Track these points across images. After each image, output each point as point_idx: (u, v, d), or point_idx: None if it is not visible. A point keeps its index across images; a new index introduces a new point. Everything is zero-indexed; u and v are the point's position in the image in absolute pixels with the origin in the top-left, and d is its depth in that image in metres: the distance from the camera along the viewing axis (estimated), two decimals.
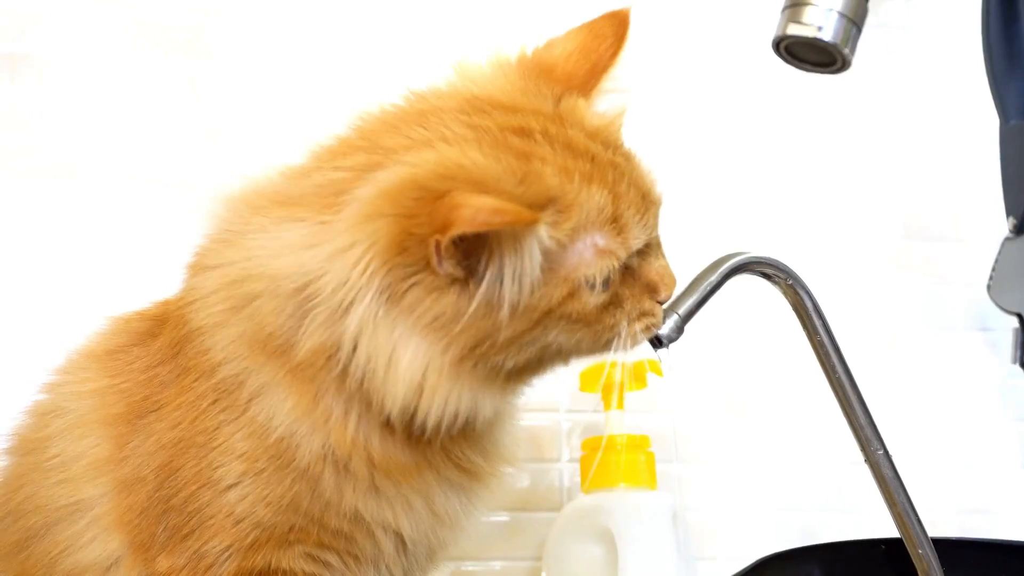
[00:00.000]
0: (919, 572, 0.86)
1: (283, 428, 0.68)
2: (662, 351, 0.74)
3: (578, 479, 1.04)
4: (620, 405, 1.04)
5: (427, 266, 0.61)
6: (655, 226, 0.70)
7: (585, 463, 1.03)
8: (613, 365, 1.01)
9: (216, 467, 0.69)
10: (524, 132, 0.65)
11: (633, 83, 0.73)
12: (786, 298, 0.82)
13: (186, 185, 1.13)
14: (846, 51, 0.77)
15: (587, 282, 0.65)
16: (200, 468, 0.69)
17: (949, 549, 0.87)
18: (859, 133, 1.28)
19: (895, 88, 1.29)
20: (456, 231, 0.59)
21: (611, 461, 1.01)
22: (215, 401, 0.69)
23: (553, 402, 1.16)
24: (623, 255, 0.66)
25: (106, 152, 1.15)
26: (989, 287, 1.14)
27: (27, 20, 1.17)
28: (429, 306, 0.62)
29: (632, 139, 1.17)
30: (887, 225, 1.27)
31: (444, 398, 0.65)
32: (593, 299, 0.66)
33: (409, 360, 0.63)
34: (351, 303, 0.63)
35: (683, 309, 0.75)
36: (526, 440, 1.13)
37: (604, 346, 0.69)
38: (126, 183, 1.14)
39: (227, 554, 0.69)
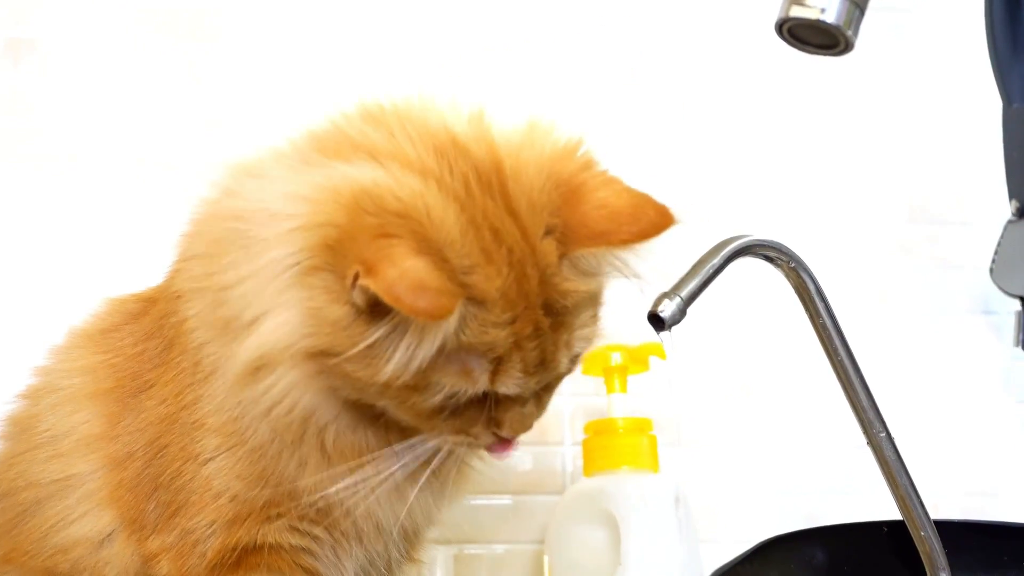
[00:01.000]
0: (921, 554, 0.86)
1: (236, 408, 0.67)
2: (664, 334, 0.73)
3: (580, 462, 1.04)
4: (623, 388, 1.04)
5: (341, 275, 0.60)
6: (540, 389, 0.68)
7: (587, 446, 1.03)
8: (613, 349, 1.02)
9: (197, 441, 0.69)
10: (498, 237, 0.62)
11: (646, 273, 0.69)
12: (789, 281, 0.82)
13: (188, 169, 1.13)
14: (849, 33, 0.76)
15: (435, 385, 0.63)
16: (184, 443, 0.69)
17: (951, 531, 0.87)
18: (862, 116, 1.27)
19: (898, 71, 1.28)
20: (369, 282, 0.58)
21: (613, 444, 1.01)
22: (193, 375, 0.69)
23: None
24: (481, 389, 0.64)
25: (109, 136, 1.15)
26: (992, 270, 1.14)
27: (30, 5, 1.17)
28: (319, 298, 0.61)
29: (635, 125, 1.16)
30: (890, 208, 1.26)
31: (281, 379, 0.64)
32: (431, 401, 0.64)
33: (273, 325, 0.62)
34: (268, 249, 0.62)
35: (686, 292, 0.74)
36: None
37: (424, 431, 0.67)
38: (128, 167, 1.14)
39: (211, 530, 0.69)
